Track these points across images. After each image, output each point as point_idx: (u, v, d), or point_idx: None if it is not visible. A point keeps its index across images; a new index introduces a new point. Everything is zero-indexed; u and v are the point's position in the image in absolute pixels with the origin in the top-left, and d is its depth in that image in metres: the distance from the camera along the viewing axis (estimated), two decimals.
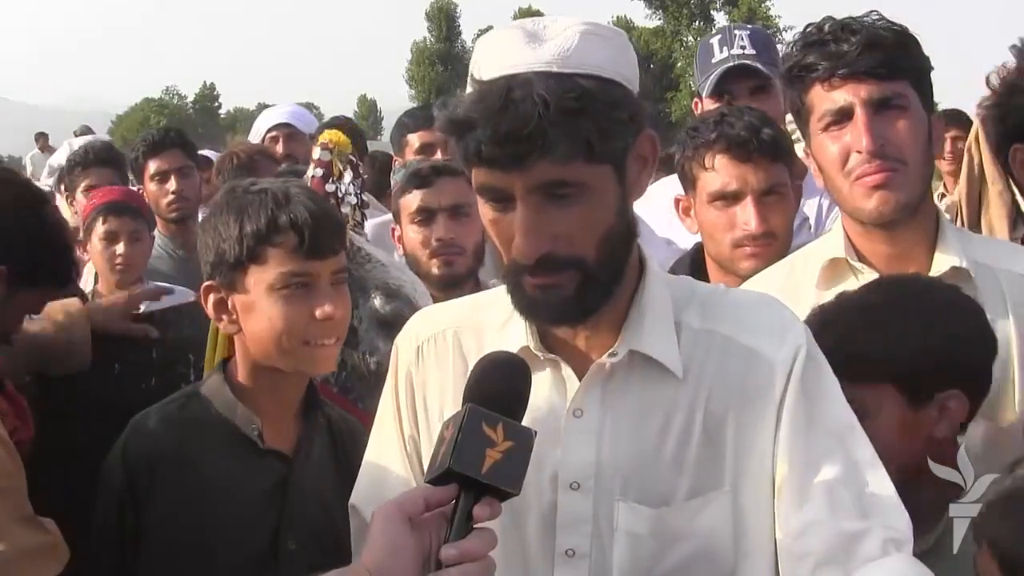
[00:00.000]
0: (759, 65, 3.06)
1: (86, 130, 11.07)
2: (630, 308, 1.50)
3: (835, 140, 1.95)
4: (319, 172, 2.20)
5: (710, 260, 2.49)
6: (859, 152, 1.91)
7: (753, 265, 2.33)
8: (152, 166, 4.16)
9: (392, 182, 3.10)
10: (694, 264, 2.56)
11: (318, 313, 1.86)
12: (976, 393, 1.81)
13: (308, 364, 1.91)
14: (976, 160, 2.87)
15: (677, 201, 2.52)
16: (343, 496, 1.72)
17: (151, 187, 4.19)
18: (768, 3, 56.02)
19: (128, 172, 4.44)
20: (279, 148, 4.75)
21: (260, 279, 1.86)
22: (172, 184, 4.12)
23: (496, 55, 1.37)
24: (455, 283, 2.75)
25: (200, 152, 4.76)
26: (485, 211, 1.44)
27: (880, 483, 1.45)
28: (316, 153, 2.21)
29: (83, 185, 4.16)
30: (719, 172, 2.36)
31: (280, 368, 1.90)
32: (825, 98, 1.95)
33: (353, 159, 2.28)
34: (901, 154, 1.92)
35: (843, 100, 1.93)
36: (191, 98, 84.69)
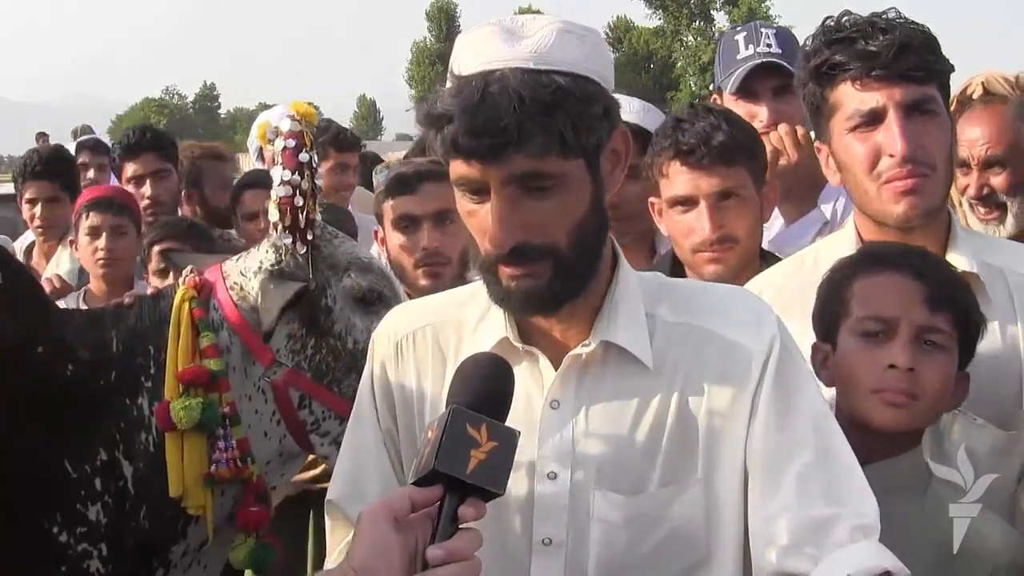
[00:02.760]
0: (786, 64, 2.97)
1: (86, 130, 11.07)
2: (604, 300, 1.52)
3: (863, 141, 1.91)
4: (292, 143, 2.11)
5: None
6: (891, 156, 1.87)
7: (715, 270, 2.33)
8: (128, 169, 4.09)
9: (375, 182, 3.04)
10: (675, 264, 2.56)
11: None
12: None
13: None
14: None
15: (652, 204, 2.52)
16: None
17: (128, 189, 4.09)
18: (768, 3, 55.90)
19: (77, 177, 4.40)
20: None
21: None
22: (147, 189, 4.02)
23: (474, 51, 1.41)
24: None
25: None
26: (462, 203, 1.47)
27: (850, 470, 1.48)
28: (286, 125, 2.13)
29: (26, 196, 4.15)
30: (672, 179, 2.37)
31: None
32: (856, 98, 1.91)
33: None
34: (931, 159, 1.89)
35: (875, 102, 1.89)
36: (191, 98, 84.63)
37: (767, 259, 2.44)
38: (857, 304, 1.79)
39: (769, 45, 3.05)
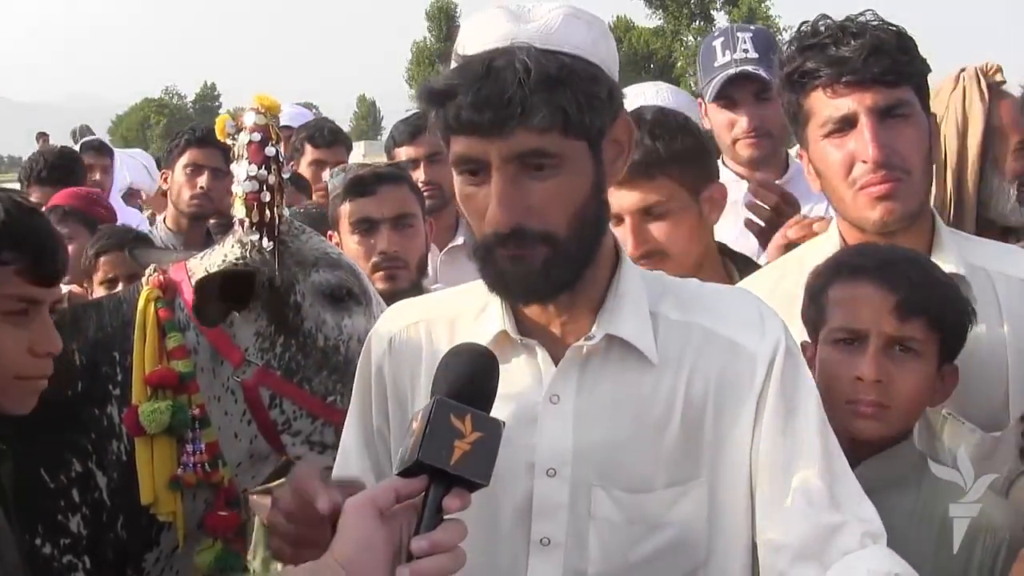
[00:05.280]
0: (762, 72, 3.01)
1: (86, 130, 11.04)
2: (606, 295, 1.51)
3: (838, 148, 1.91)
4: (257, 137, 2.07)
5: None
6: (864, 162, 1.87)
7: None
8: (188, 156, 4.12)
9: (329, 186, 2.98)
10: None
11: (37, 348, 1.66)
12: None
13: (15, 400, 1.69)
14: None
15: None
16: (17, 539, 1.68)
17: (178, 177, 4.15)
18: (768, 3, 55.92)
19: (83, 179, 4.41)
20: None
21: None
22: (204, 180, 4.09)
23: (479, 32, 1.41)
24: (397, 298, 2.66)
25: None
26: (460, 186, 1.45)
27: (848, 474, 1.49)
28: (251, 119, 2.09)
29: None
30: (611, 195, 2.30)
31: None
32: (828, 104, 1.91)
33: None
34: (906, 164, 1.88)
35: (847, 108, 1.88)
36: (191, 98, 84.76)
37: (734, 258, 2.44)
38: (831, 312, 1.79)
39: (746, 51, 3.05)
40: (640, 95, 2.81)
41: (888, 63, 1.86)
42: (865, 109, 1.87)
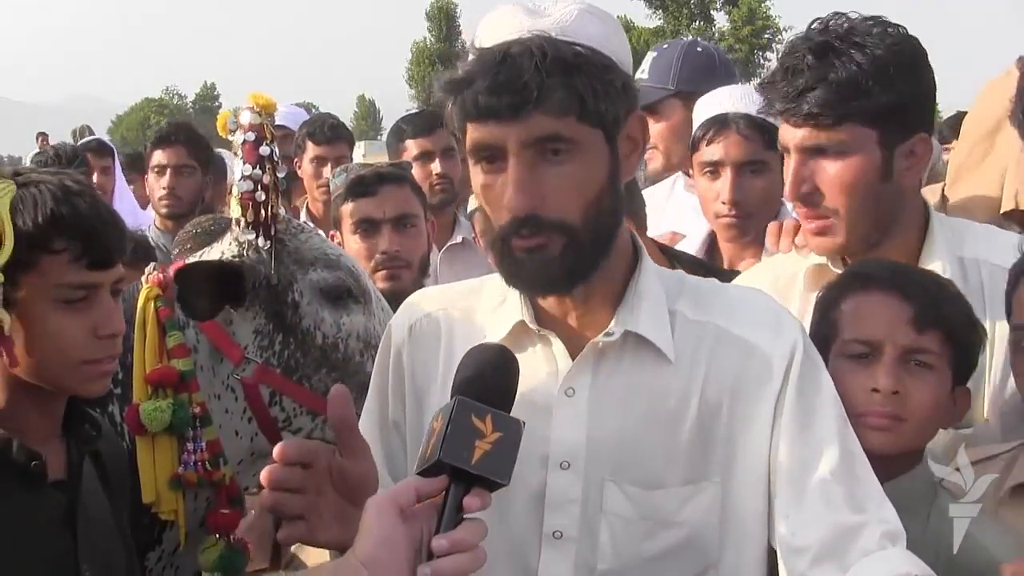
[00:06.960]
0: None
1: (87, 131, 11.03)
2: (625, 291, 1.52)
3: (786, 172, 1.95)
4: (252, 136, 2.07)
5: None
6: None
7: None
8: (154, 158, 4.23)
9: (331, 186, 2.99)
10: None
11: (100, 330, 1.64)
12: None
13: (84, 384, 1.68)
14: None
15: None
16: (119, 521, 1.69)
17: (150, 179, 4.28)
18: (768, 3, 55.91)
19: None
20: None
21: (34, 289, 1.59)
22: (166, 180, 4.17)
23: (495, 26, 1.44)
24: (400, 298, 2.65)
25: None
26: (476, 176, 1.47)
27: (869, 475, 1.49)
28: (246, 118, 2.09)
29: None
30: None
31: (47, 387, 1.66)
32: (782, 129, 1.96)
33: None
34: (832, 202, 1.88)
35: (786, 140, 1.92)
36: (191, 98, 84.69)
37: (682, 261, 2.46)
38: (844, 326, 1.76)
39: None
40: (715, 103, 2.70)
41: (820, 104, 1.84)
42: (793, 146, 1.90)
